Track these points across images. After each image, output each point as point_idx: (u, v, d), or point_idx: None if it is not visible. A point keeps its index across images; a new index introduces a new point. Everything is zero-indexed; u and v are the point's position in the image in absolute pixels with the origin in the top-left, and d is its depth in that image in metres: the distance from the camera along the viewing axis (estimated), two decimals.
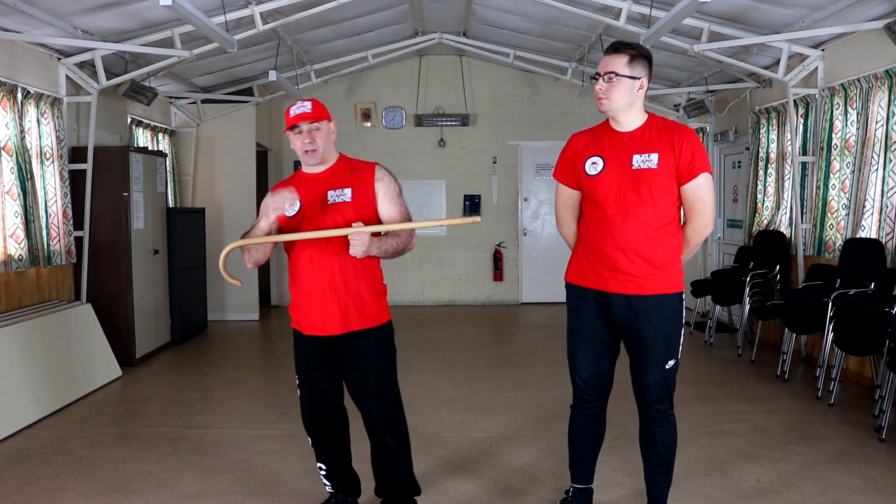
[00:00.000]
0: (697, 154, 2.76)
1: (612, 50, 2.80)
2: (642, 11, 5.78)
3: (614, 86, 2.75)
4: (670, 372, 2.87)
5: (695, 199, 2.78)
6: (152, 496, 3.47)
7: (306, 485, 3.53)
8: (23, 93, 5.28)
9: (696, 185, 2.77)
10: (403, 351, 6.59)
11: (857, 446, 4.04)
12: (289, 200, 2.76)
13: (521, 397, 5.11)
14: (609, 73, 2.76)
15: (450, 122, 9.58)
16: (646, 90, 2.81)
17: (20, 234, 5.19)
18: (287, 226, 2.85)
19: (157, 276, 6.78)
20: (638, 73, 2.77)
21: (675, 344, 2.85)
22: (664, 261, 2.79)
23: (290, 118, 2.82)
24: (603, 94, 2.78)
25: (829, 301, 4.86)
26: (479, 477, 3.66)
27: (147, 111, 7.45)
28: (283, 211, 2.79)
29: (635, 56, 2.76)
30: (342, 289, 2.83)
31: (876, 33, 5.11)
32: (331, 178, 2.89)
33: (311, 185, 2.87)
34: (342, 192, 2.85)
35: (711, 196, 2.80)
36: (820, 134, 5.91)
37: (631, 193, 2.76)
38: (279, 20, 6.09)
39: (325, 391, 2.97)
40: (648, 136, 2.79)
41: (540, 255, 9.77)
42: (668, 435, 2.93)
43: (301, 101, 2.84)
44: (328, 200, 2.83)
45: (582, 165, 2.87)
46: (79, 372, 5.29)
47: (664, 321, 2.81)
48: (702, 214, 2.80)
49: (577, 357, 2.96)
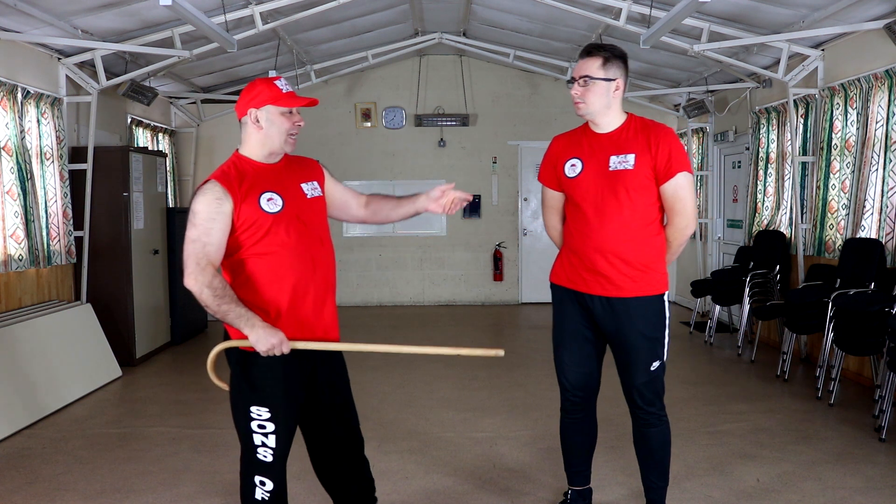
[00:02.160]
0: (675, 153, 2.72)
1: (585, 53, 2.79)
2: (642, 11, 5.78)
3: (589, 89, 2.75)
4: (656, 373, 2.85)
5: (674, 198, 2.75)
6: (152, 496, 3.47)
7: (306, 485, 3.53)
8: (23, 93, 5.28)
9: (675, 185, 2.73)
10: None
11: (857, 446, 4.04)
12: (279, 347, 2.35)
13: (521, 397, 5.11)
14: (584, 76, 2.75)
15: (450, 122, 9.58)
16: (623, 91, 2.79)
17: (20, 234, 5.19)
18: (270, 224, 2.39)
19: (157, 276, 6.78)
20: (613, 74, 2.75)
21: (659, 346, 2.83)
22: (645, 262, 2.77)
23: (292, 97, 2.44)
24: (579, 98, 2.77)
25: (829, 301, 4.86)
26: (479, 477, 3.66)
27: (147, 111, 7.45)
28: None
29: (609, 58, 2.75)
30: (333, 290, 2.57)
31: (876, 33, 5.11)
32: (293, 171, 2.53)
33: (281, 177, 2.48)
34: (314, 185, 2.57)
35: (691, 195, 2.77)
36: (820, 134, 5.91)
37: (608, 195, 2.75)
38: (279, 20, 6.09)
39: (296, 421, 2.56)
40: (626, 137, 2.78)
41: (540, 255, 9.76)
42: (661, 435, 2.92)
43: (283, 79, 2.49)
44: (306, 195, 2.52)
45: (562, 168, 2.88)
46: (79, 372, 5.29)
47: (645, 323, 2.79)
48: (682, 214, 2.77)
49: (563, 358, 2.96)
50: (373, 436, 4.11)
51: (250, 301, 2.40)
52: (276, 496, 2.53)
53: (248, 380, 2.44)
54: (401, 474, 3.70)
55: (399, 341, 7.18)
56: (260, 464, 2.48)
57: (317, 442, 2.67)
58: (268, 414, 2.43)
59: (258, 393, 2.43)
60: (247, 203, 2.37)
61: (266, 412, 2.43)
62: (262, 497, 2.51)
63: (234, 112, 2.64)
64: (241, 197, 2.37)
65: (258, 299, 2.41)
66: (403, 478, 3.66)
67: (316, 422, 2.63)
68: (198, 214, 2.33)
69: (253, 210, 2.37)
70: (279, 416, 2.44)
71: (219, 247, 2.35)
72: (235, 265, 2.43)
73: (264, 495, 2.51)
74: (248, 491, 2.53)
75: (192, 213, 2.35)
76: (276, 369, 2.41)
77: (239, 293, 2.39)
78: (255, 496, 2.52)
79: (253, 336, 2.33)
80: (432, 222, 9.76)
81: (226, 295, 2.32)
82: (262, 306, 2.40)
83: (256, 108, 2.44)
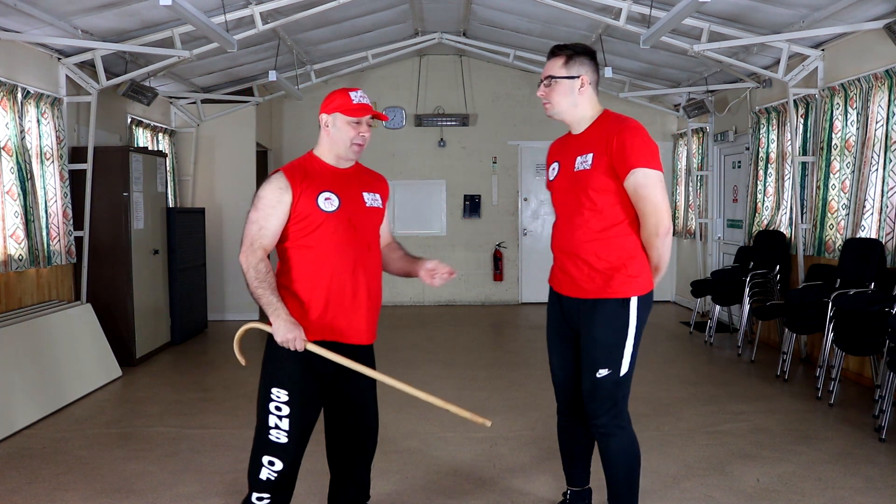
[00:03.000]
0: (630, 148, 2.57)
1: (549, 54, 2.78)
2: (642, 11, 5.78)
3: (553, 89, 2.73)
4: (602, 382, 2.68)
5: (635, 197, 2.61)
6: (152, 496, 3.47)
7: (307, 485, 3.53)
8: (23, 93, 5.28)
9: (634, 183, 2.58)
10: (403, 351, 6.65)
11: (857, 446, 4.04)
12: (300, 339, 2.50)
13: (521, 397, 5.11)
14: (547, 77, 2.74)
15: (450, 122, 9.58)
16: (589, 87, 2.72)
17: (20, 234, 5.18)
18: (322, 221, 2.53)
19: (157, 276, 6.78)
20: (576, 71, 2.70)
21: (613, 353, 2.67)
22: (609, 265, 2.65)
23: (361, 106, 2.56)
24: (545, 98, 2.75)
25: (829, 301, 4.86)
26: (479, 477, 3.66)
27: (147, 111, 7.45)
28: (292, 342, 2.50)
29: (571, 55, 2.71)
30: (375, 296, 2.68)
31: (876, 33, 5.11)
32: (360, 179, 2.68)
33: (344, 181, 2.62)
34: (375, 196, 2.69)
35: (655, 193, 2.58)
36: (820, 134, 5.91)
37: (572, 196, 2.72)
38: (279, 20, 6.09)
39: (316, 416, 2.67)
40: (589, 136, 2.72)
41: (540, 255, 9.75)
42: (617, 450, 2.74)
43: (361, 91, 2.63)
44: (365, 203, 2.65)
45: (548, 171, 2.91)
46: (79, 372, 5.29)
47: (602, 328, 2.68)
48: (649, 215, 2.61)
49: (551, 358, 2.97)
50: None
51: (287, 288, 2.57)
52: (282, 478, 2.60)
53: (273, 362, 2.59)
54: (401, 474, 3.70)
55: (399, 341, 7.21)
56: (272, 444, 2.57)
57: (332, 441, 2.78)
58: (286, 397, 2.56)
59: (280, 376, 2.57)
60: (305, 197, 2.53)
61: (284, 395, 2.56)
62: (267, 477, 2.59)
63: (234, 112, 2.78)
64: (301, 191, 2.53)
65: (294, 288, 2.57)
66: (403, 478, 3.66)
67: (335, 425, 2.74)
68: (262, 199, 2.54)
69: (309, 205, 2.53)
70: (296, 400, 2.56)
71: (274, 233, 2.54)
72: (281, 253, 2.61)
73: (270, 475, 2.59)
74: (255, 470, 2.61)
75: (256, 198, 2.55)
76: (301, 356, 2.54)
77: (279, 280, 2.58)
78: (261, 475, 2.60)
79: (275, 325, 2.51)
80: (432, 222, 9.77)
81: (265, 280, 2.51)
82: (297, 296, 2.56)
83: (328, 114, 2.61)
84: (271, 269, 2.54)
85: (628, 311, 2.68)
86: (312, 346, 2.53)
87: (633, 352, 2.71)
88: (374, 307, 2.68)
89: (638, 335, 2.71)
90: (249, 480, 2.64)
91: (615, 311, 2.67)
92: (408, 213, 9.69)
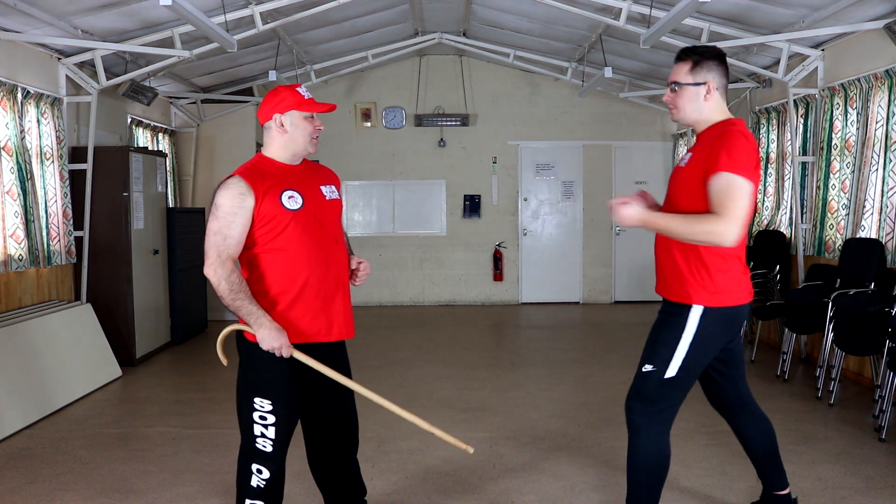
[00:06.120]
0: (717, 149, 2.49)
1: (676, 58, 2.70)
2: (642, 11, 5.78)
3: (679, 95, 2.66)
4: (644, 376, 2.70)
5: (710, 198, 2.50)
6: (152, 496, 3.47)
7: (306, 485, 3.53)
8: (23, 93, 5.28)
9: (712, 184, 2.48)
10: (403, 351, 6.64)
11: (857, 446, 4.03)
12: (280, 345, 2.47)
13: (521, 397, 5.11)
14: (672, 82, 2.67)
15: (450, 122, 9.58)
16: (716, 93, 2.63)
17: (20, 234, 5.19)
18: (289, 221, 2.47)
19: (157, 276, 6.78)
20: (702, 77, 2.62)
21: (661, 352, 2.67)
22: (685, 267, 2.63)
23: (313, 102, 2.57)
24: (671, 104, 2.70)
25: (829, 301, 4.86)
26: (479, 478, 3.66)
27: (147, 111, 7.45)
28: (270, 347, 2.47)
29: (698, 60, 2.62)
30: (348, 289, 2.65)
31: (876, 33, 5.11)
32: (313, 174, 2.64)
33: (301, 178, 2.57)
34: (332, 188, 2.66)
35: (729, 199, 2.45)
36: (820, 134, 5.91)
37: (669, 193, 2.76)
38: (279, 20, 6.09)
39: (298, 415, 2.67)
40: (701, 135, 2.68)
41: (540, 255, 9.77)
42: (632, 446, 2.77)
43: (304, 86, 2.63)
44: (325, 196, 2.61)
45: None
46: (79, 372, 5.29)
47: (660, 325, 2.74)
48: (717, 215, 2.48)
49: None
50: (372, 436, 4.11)
51: (264, 295, 2.50)
52: (271, 485, 2.60)
53: (254, 371, 2.53)
54: (401, 474, 3.70)
55: (399, 341, 7.21)
56: (259, 453, 2.56)
57: (314, 441, 2.76)
58: (270, 406, 2.52)
59: (263, 385, 2.53)
60: (268, 199, 2.45)
61: (268, 404, 2.52)
62: (257, 484, 2.58)
63: (234, 112, 2.73)
64: (263, 193, 2.45)
65: (271, 293, 2.50)
66: (403, 478, 3.66)
67: (315, 422, 2.71)
68: (221, 208, 2.43)
69: (274, 206, 2.45)
70: (280, 409, 2.53)
71: (239, 240, 2.45)
72: (251, 259, 2.52)
73: (260, 483, 2.58)
74: (245, 478, 2.60)
75: (214, 206, 2.44)
76: (283, 364, 2.50)
77: (253, 288, 2.50)
78: (251, 483, 2.59)
79: (259, 334, 2.45)
80: (432, 222, 9.76)
81: (241, 290, 2.45)
82: (275, 299, 2.50)
83: (281, 112, 2.53)
84: (243, 278, 2.48)
85: (686, 318, 2.63)
86: (298, 353, 2.51)
87: (686, 360, 2.66)
88: (349, 300, 2.66)
89: (697, 344, 2.64)
90: (239, 488, 2.63)
91: (676, 314, 2.66)
92: (408, 213, 9.70)
